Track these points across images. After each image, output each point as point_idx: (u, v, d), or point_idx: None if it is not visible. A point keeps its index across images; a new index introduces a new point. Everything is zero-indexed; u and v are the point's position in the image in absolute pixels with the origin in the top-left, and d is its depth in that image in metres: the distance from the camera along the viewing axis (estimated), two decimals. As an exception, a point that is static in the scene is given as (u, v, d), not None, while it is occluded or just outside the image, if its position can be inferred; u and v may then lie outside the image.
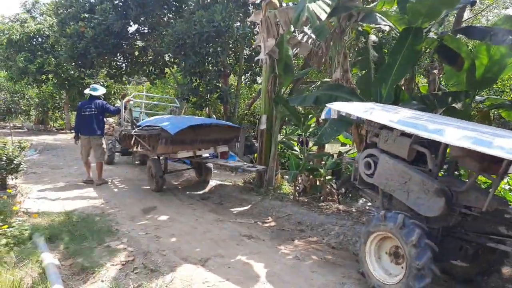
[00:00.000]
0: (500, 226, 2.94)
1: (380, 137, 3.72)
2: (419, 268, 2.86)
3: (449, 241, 3.27)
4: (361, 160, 3.89)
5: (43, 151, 12.54)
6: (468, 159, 2.96)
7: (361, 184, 4.05)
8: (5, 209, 4.63)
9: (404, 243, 3.02)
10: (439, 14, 5.56)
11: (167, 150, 6.76)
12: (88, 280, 3.52)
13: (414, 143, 3.37)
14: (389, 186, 3.53)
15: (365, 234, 3.42)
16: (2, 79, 21.35)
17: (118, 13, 11.37)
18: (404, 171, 3.38)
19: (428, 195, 3.17)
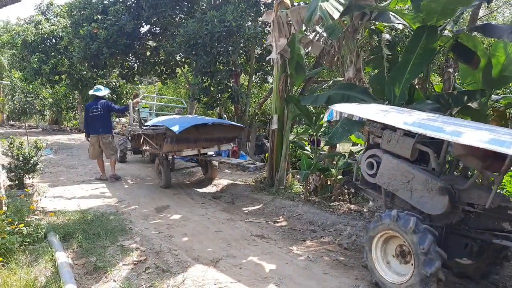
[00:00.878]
0: (504, 222, 2.97)
1: (383, 137, 3.76)
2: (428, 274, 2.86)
3: (452, 239, 3.29)
4: (364, 160, 3.94)
5: (58, 151, 12.75)
6: (470, 158, 3.01)
7: (363, 184, 4.12)
8: (22, 208, 4.71)
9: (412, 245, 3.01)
10: (454, 11, 5.46)
11: (172, 148, 7.05)
12: (100, 279, 3.55)
13: (417, 142, 3.42)
14: (392, 186, 3.57)
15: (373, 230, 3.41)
16: (17, 80, 21.77)
17: (131, 14, 11.48)
18: (407, 170, 3.42)
19: (431, 193, 3.21)
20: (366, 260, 3.45)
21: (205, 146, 7.53)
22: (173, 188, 7.65)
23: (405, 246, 3.18)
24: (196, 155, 7.64)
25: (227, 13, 9.11)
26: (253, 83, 15.40)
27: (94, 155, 8.11)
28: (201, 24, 9.29)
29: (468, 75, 6.35)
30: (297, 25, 5.82)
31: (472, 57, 5.72)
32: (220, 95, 11.02)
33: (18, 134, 12.04)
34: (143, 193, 7.09)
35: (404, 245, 3.19)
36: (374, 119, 3.67)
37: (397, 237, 3.24)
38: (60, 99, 22.71)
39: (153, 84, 23.85)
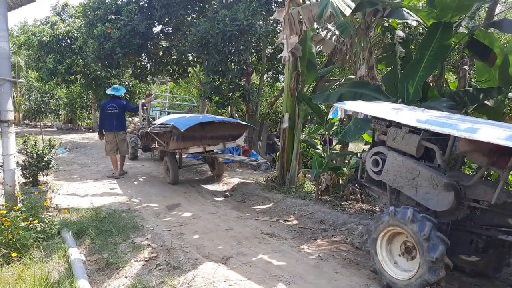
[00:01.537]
0: (510, 218, 2.97)
1: (388, 134, 3.77)
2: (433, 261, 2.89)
3: (458, 235, 3.29)
4: (369, 158, 3.95)
5: (72, 150, 12.96)
6: (476, 154, 3.03)
7: (367, 182, 4.12)
8: (36, 205, 4.79)
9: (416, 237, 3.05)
10: (470, 7, 5.36)
11: (178, 146, 7.26)
12: (112, 275, 3.59)
13: (423, 139, 3.43)
14: (398, 183, 3.58)
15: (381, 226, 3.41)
16: (33, 80, 22.18)
17: (143, 14, 11.58)
18: (413, 167, 3.43)
19: (437, 190, 3.22)
20: (374, 264, 3.43)
21: (211, 143, 7.72)
22: (184, 186, 7.68)
23: (409, 242, 3.20)
24: (202, 152, 7.80)
25: (238, 12, 9.11)
26: (264, 82, 15.38)
27: (111, 151, 8.36)
28: (213, 23, 9.31)
29: (484, 73, 6.21)
30: (309, 22, 5.77)
31: (488, 54, 5.59)
32: (231, 94, 11.03)
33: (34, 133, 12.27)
34: (154, 191, 7.14)
35: (408, 241, 3.21)
36: (378, 116, 3.74)
37: (399, 233, 3.27)
38: (74, 99, 23.07)
39: (165, 84, 24.05)
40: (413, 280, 3.04)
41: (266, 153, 11.89)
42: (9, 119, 4.70)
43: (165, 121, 7.84)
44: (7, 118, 4.68)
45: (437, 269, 2.90)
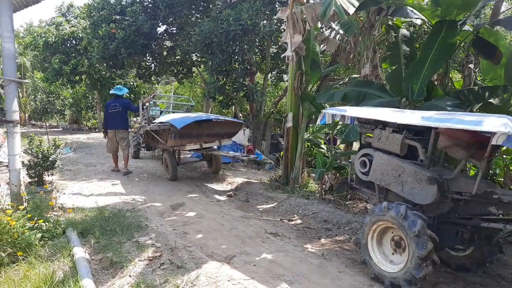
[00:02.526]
0: (490, 207, 3.12)
1: (374, 136, 3.98)
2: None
3: (445, 228, 3.41)
4: (357, 160, 4.14)
5: (77, 150, 13.03)
6: (455, 148, 3.22)
7: (357, 184, 4.29)
8: (41, 204, 4.82)
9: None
10: (475, 5, 5.31)
11: (176, 143, 7.62)
12: (116, 274, 3.60)
13: (406, 138, 3.67)
14: (385, 181, 3.75)
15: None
16: (39, 80, 22.34)
17: (148, 14, 11.62)
18: (398, 164, 3.62)
19: (421, 184, 3.38)
20: (364, 255, 3.57)
21: (207, 141, 8.03)
22: (188, 186, 7.70)
23: (399, 237, 3.32)
24: (199, 149, 8.14)
25: (242, 11, 9.11)
26: (268, 81, 15.37)
27: (112, 149, 8.77)
28: (217, 23, 9.32)
29: (490, 71, 6.16)
30: (312, 21, 5.76)
31: (493, 52, 5.55)
32: (235, 94, 11.04)
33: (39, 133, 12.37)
34: (159, 190, 7.17)
35: (398, 236, 3.33)
36: (363, 117, 3.97)
37: (390, 227, 3.38)
38: (80, 99, 23.21)
39: (170, 84, 24.11)
40: (400, 274, 3.16)
41: (270, 153, 11.89)
42: (15, 119, 4.74)
43: (164, 119, 8.11)
44: (12, 118, 4.72)
45: (424, 265, 3.01)
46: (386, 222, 3.36)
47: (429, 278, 3.49)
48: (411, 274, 3.05)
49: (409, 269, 3.07)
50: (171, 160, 8.14)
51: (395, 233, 3.37)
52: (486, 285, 3.55)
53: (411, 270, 3.05)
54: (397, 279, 3.18)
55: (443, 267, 3.92)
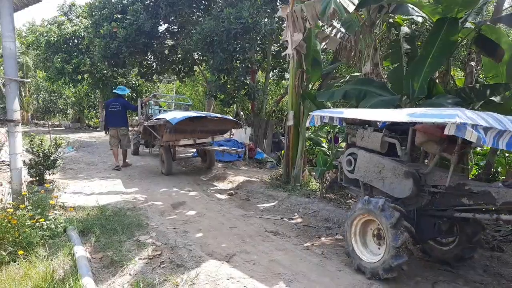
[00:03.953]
0: (463, 198, 3.26)
1: (357, 135, 4.25)
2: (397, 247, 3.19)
3: (424, 221, 3.57)
4: (344, 159, 4.38)
5: (79, 148, 13.06)
6: (430, 144, 3.44)
7: (346, 183, 4.53)
8: (42, 203, 4.83)
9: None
10: (476, 2, 5.28)
11: (171, 138, 8.01)
12: (117, 273, 3.61)
13: (385, 136, 3.92)
14: (367, 177, 3.99)
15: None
16: (41, 79, 22.40)
17: (149, 13, 11.63)
18: (378, 161, 3.86)
19: (399, 178, 3.60)
20: (347, 247, 3.74)
21: (200, 137, 8.45)
22: (189, 185, 7.71)
23: (379, 229, 3.50)
24: (192, 145, 8.55)
25: (243, 9, 9.11)
26: (270, 80, 15.35)
27: (113, 145, 9.23)
28: (217, 22, 9.32)
29: (492, 69, 6.13)
30: (312, 19, 5.74)
31: (495, 49, 5.51)
32: (236, 92, 11.04)
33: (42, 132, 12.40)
34: (160, 189, 7.18)
35: (378, 228, 3.51)
36: (349, 117, 4.19)
37: (372, 220, 3.56)
38: (82, 98, 23.26)
39: (171, 83, 24.13)
40: (379, 264, 3.34)
41: (272, 151, 11.89)
42: (16, 118, 4.75)
43: (160, 116, 8.67)
44: (13, 118, 4.73)
45: (399, 255, 3.19)
46: (366, 215, 3.54)
47: (427, 276, 3.58)
48: (388, 263, 3.24)
49: (386, 258, 3.26)
50: (167, 155, 8.53)
51: (375, 226, 3.57)
52: (486, 284, 3.55)
53: (388, 259, 3.24)
54: (376, 268, 3.36)
55: (443, 265, 3.92)
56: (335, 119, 4.44)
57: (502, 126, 2.74)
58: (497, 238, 4.42)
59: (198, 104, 22.16)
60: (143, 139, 10.48)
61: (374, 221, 3.52)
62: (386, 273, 3.27)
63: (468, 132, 2.63)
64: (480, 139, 2.62)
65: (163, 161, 8.65)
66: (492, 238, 4.41)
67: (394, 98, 5.38)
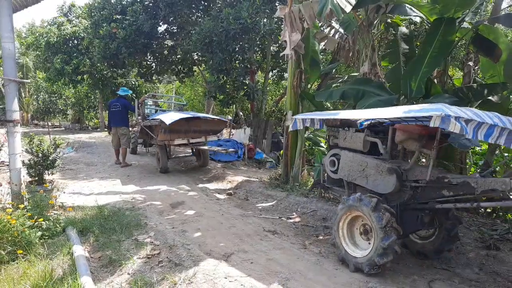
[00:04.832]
0: (443, 190, 3.40)
1: (339, 137, 4.42)
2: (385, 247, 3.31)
3: (407, 214, 3.69)
4: (327, 160, 4.53)
5: (79, 149, 13.08)
6: (410, 141, 3.63)
7: (329, 183, 4.68)
8: (42, 203, 4.85)
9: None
10: (473, 2, 5.29)
11: (166, 138, 8.36)
12: (115, 272, 3.64)
13: (367, 135, 4.10)
14: (351, 176, 4.12)
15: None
16: (41, 80, 22.42)
17: (148, 13, 11.66)
18: (361, 160, 4.01)
19: (382, 175, 3.74)
20: (334, 238, 3.87)
21: (194, 136, 8.80)
22: (188, 185, 7.74)
23: (368, 226, 3.61)
24: (186, 144, 8.87)
25: (242, 10, 9.13)
26: (269, 80, 15.37)
27: (115, 143, 9.72)
28: (216, 22, 9.34)
29: (489, 68, 6.14)
30: (310, 19, 5.77)
31: (493, 49, 5.53)
32: (236, 93, 11.07)
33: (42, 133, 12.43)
34: (159, 189, 7.21)
35: (367, 224, 3.62)
36: (329, 117, 4.38)
37: (360, 216, 3.67)
38: (82, 99, 23.28)
39: (171, 83, 24.14)
40: (364, 259, 3.46)
41: (271, 151, 11.90)
42: (15, 119, 4.77)
43: (156, 116, 9.00)
44: (12, 118, 4.75)
45: (386, 254, 3.32)
46: (357, 212, 3.64)
47: (424, 275, 3.62)
48: (374, 261, 3.36)
49: (373, 256, 3.38)
50: (162, 154, 8.88)
51: (364, 221, 3.67)
52: (482, 282, 3.56)
53: (374, 257, 3.36)
54: (360, 263, 3.50)
55: (438, 264, 3.96)
56: (316, 121, 4.63)
57: (480, 119, 2.90)
58: (494, 236, 4.43)
59: (197, 105, 22.17)
60: (141, 138, 10.82)
61: (363, 217, 3.63)
62: (370, 269, 3.42)
63: (452, 124, 2.76)
64: (463, 130, 2.76)
65: (159, 159, 9.02)
66: (489, 237, 4.42)
67: (391, 98, 5.41)
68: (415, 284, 3.44)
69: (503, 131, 2.93)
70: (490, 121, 2.91)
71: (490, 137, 2.92)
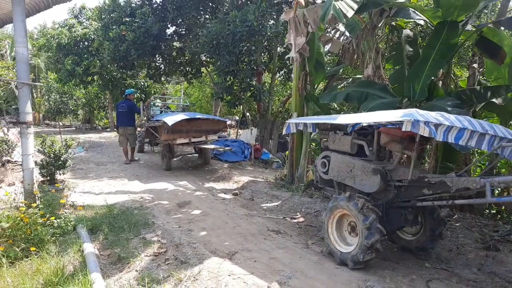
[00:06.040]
0: (424, 189, 3.59)
1: (329, 140, 4.65)
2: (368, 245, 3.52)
3: (392, 212, 3.90)
4: (319, 162, 4.75)
5: (89, 149, 13.34)
6: (393, 143, 3.84)
7: (321, 184, 4.90)
8: (53, 202, 5.04)
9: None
10: (476, 5, 5.34)
11: (169, 138, 8.84)
12: (124, 269, 3.78)
13: (354, 138, 4.33)
14: (340, 176, 4.35)
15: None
16: (53, 81, 22.79)
17: (157, 16, 11.83)
18: (349, 161, 4.23)
19: (367, 175, 3.96)
20: (323, 233, 4.12)
21: (195, 136, 9.22)
22: (195, 185, 7.88)
23: (354, 223, 3.80)
24: (188, 143, 9.33)
25: (248, 13, 9.23)
26: (276, 81, 15.45)
27: (122, 143, 10.23)
28: (223, 25, 9.46)
29: (494, 71, 6.16)
30: (314, 23, 5.86)
31: (497, 52, 5.55)
32: (242, 94, 11.18)
33: (53, 133, 12.70)
34: (166, 189, 7.36)
35: (354, 221, 3.81)
36: (319, 121, 4.71)
37: (347, 214, 3.87)
38: (92, 99, 23.62)
39: (180, 84, 24.34)
40: (349, 255, 3.69)
41: (278, 152, 12.01)
42: (28, 120, 4.96)
43: (160, 117, 9.51)
44: (26, 120, 4.94)
45: (369, 252, 3.54)
46: (345, 210, 3.85)
47: (422, 274, 3.71)
48: (358, 257, 3.58)
49: (357, 252, 3.60)
50: (166, 152, 9.49)
51: (351, 219, 3.87)
52: (480, 282, 3.63)
53: (358, 253, 3.58)
54: (345, 258, 3.73)
55: (438, 263, 4.05)
56: (309, 125, 4.90)
57: (450, 123, 3.10)
58: (494, 237, 4.48)
59: (206, 105, 22.35)
60: (147, 138, 11.36)
61: (350, 216, 3.82)
62: (354, 265, 3.64)
63: (421, 128, 2.98)
64: (431, 133, 2.98)
65: (163, 158, 9.62)
66: (490, 238, 4.47)
67: (394, 100, 5.47)
68: (413, 284, 3.51)
69: (473, 133, 3.17)
70: (459, 125, 3.12)
71: (460, 140, 3.14)
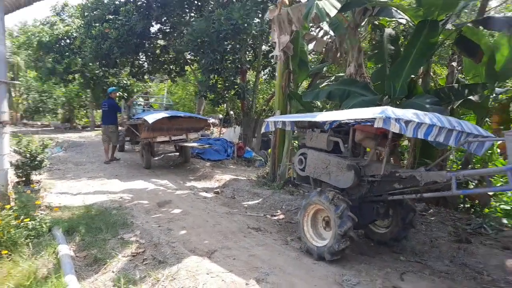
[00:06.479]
0: (395, 183, 3.71)
1: (306, 137, 4.73)
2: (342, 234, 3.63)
3: (365, 207, 4.03)
4: (296, 159, 4.83)
5: (68, 148, 13.05)
6: (367, 140, 3.98)
7: (299, 180, 5.00)
8: (28, 203, 4.86)
9: None
10: (456, 5, 5.40)
11: (149, 135, 8.84)
12: (100, 270, 3.69)
13: (330, 135, 4.42)
14: (317, 173, 4.43)
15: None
16: (32, 79, 22.26)
17: (141, 13, 11.65)
18: (325, 158, 4.33)
19: (342, 171, 4.06)
20: (300, 232, 4.20)
21: (175, 134, 9.24)
22: (177, 184, 7.80)
23: (328, 217, 3.91)
24: (168, 141, 9.34)
25: (233, 11, 9.16)
26: (261, 79, 15.44)
27: (104, 141, 10.17)
28: (208, 23, 9.37)
29: (472, 69, 6.28)
30: (298, 22, 5.84)
31: (476, 50, 5.63)
32: (226, 92, 11.12)
33: (30, 132, 12.38)
34: (147, 188, 7.25)
35: (327, 216, 3.91)
36: (297, 120, 4.78)
37: (321, 209, 3.98)
38: (72, 98, 23.14)
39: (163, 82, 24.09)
40: (325, 248, 3.78)
41: (261, 150, 12.00)
42: (4, 120, 4.78)
43: (141, 115, 9.49)
44: (1, 119, 4.76)
45: (344, 240, 3.63)
46: (318, 204, 3.96)
47: (397, 267, 3.81)
48: (333, 248, 3.66)
49: (332, 243, 3.69)
50: (146, 151, 9.45)
51: (325, 214, 3.97)
52: (451, 273, 3.73)
53: (333, 244, 3.67)
54: (322, 252, 3.80)
55: (412, 256, 4.17)
56: (287, 124, 4.96)
57: (420, 120, 3.22)
58: (467, 230, 4.60)
59: (189, 104, 22.18)
60: (127, 136, 11.29)
61: (324, 210, 3.94)
62: (331, 256, 3.72)
63: (392, 124, 3.08)
64: (402, 130, 3.08)
65: (143, 155, 9.59)
66: (462, 231, 4.57)
67: (375, 98, 5.51)
68: (388, 276, 3.57)
69: (442, 130, 3.31)
70: (429, 122, 3.25)
71: (429, 135, 3.26)
